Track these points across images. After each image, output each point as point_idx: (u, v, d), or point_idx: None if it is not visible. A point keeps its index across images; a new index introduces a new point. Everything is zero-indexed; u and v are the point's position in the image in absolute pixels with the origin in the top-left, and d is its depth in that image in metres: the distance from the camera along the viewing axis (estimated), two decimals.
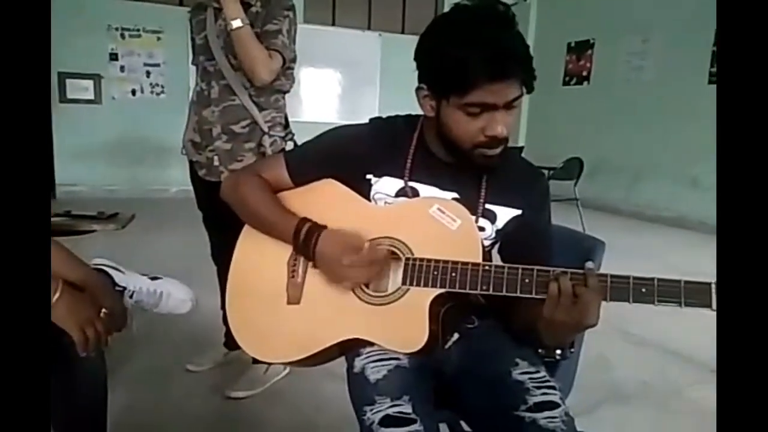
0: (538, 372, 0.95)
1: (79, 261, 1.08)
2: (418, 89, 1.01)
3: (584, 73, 6.87)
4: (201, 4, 1.86)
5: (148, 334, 2.26)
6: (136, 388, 1.91)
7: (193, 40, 1.89)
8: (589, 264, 0.86)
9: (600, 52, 6.63)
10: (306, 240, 1.02)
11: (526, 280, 0.89)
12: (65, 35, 5.67)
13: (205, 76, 1.81)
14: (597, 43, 6.66)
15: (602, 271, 0.87)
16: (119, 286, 1.14)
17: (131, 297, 1.15)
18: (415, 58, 0.99)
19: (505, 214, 1.06)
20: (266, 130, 1.82)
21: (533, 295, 0.88)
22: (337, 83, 7.18)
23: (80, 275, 1.04)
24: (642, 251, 4.35)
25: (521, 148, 6.08)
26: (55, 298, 0.93)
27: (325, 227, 1.03)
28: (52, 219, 2.01)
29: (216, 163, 1.81)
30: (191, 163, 1.94)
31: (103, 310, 0.98)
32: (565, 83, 7.15)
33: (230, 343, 2.08)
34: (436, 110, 0.99)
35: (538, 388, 0.92)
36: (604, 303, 0.85)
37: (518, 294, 0.89)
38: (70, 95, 5.95)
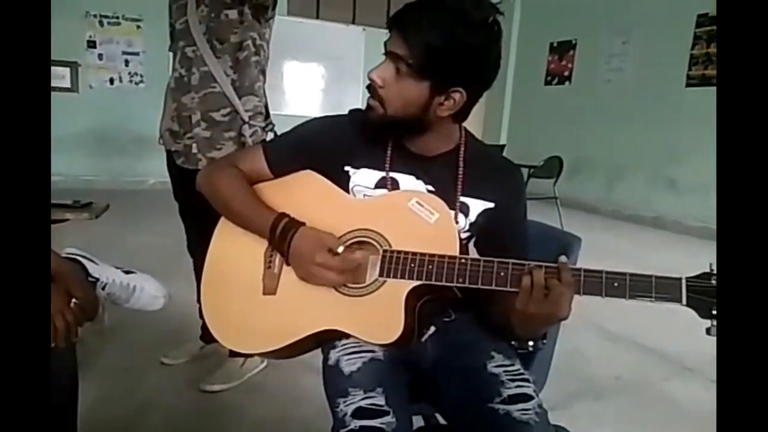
0: (513, 365, 0.96)
1: (50, 250, 1.06)
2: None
3: (566, 73, 6.95)
4: None
5: (121, 327, 2.22)
6: (108, 382, 1.88)
7: (171, 25, 1.85)
8: (563, 258, 0.87)
9: (581, 52, 6.71)
10: (281, 236, 1.01)
11: (502, 273, 0.90)
12: None
13: (185, 62, 1.78)
14: (579, 43, 6.74)
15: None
16: (92, 276, 1.12)
17: (103, 289, 1.13)
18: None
19: (477, 206, 1.07)
20: (246, 119, 1.79)
21: (508, 288, 0.89)
22: (320, 77, 7.15)
23: (52, 263, 1.02)
24: (619, 250, 4.43)
25: (503, 147, 6.12)
26: None
27: (303, 224, 1.02)
28: None
29: (194, 150, 1.78)
30: (168, 152, 1.91)
31: (74, 300, 0.96)
32: (547, 83, 7.22)
33: (206, 336, 2.05)
34: None
35: (513, 380, 0.92)
36: (579, 298, 0.86)
37: (493, 287, 0.90)
38: None
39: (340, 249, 0.99)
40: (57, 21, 5.59)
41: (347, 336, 0.98)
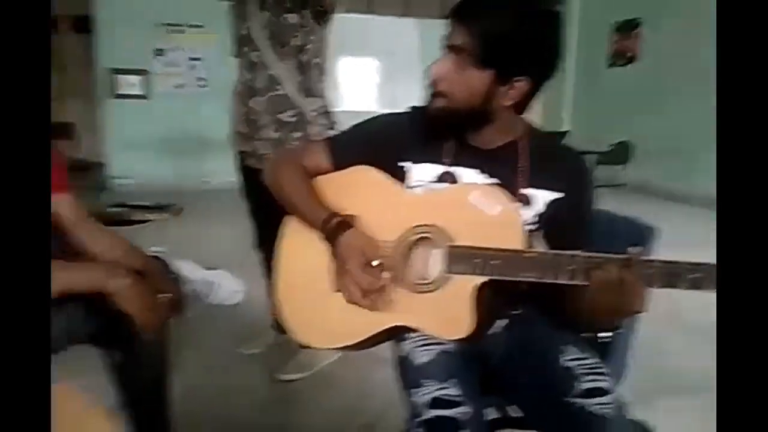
0: (587, 358, 0.94)
1: (138, 249, 1.14)
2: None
3: (630, 54, 6.62)
4: None
5: (201, 320, 2.35)
6: (192, 372, 2.00)
7: (233, 31, 1.92)
8: (635, 249, 0.85)
9: (648, 30, 6.37)
10: (332, 234, 1.04)
11: (571, 267, 0.88)
12: (115, 34, 5.91)
13: (250, 67, 1.85)
14: (644, 22, 6.40)
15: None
16: (176, 273, 1.20)
17: (187, 285, 1.21)
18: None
19: (542, 198, 1.05)
20: (312, 119, 1.86)
21: (578, 282, 0.87)
22: (375, 71, 7.18)
23: (140, 262, 1.11)
24: (696, 239, 4.17)
25: (565, 133, 5.93)
26: (118, 284, 0.99)
27: (351, 226, 1.04)
28: (109, 209, 2.11)
29: (265, 151, 1.86)
30: (239, 153, 1.99)
31: (163, 295, 1.04)
32: (611, 64, 6.91)
33: (279, 326, 2.14)
34: None
35: (588, 374, 0.91)
36: (656, 289, 0.83)
37: (563, 281, 0.89)
38: (120, 91, 6.21)
39: (375, 263, 1.00)
40: (127, 32, 5.97)
41: (417, 330, 1.00)
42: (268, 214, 1.28)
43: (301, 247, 1.15)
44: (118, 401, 1.27)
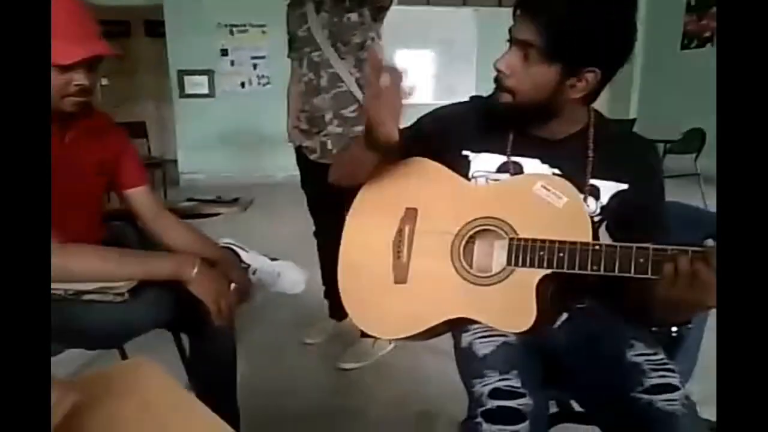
0: (655, 354, 0.91)
1: (211, 240, 1.21)
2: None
3: (707, 34, 6.21)
4: (299, 0, 1.95)
5: (266, 308, 2.46)
6: (256, 359, 2.09)
7: (291, 33, 2.00)
8: (710, 241, 0.81)
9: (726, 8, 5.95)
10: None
11: (641, 260, 0.85)
12: (183, 36, 6.20)
13: (313, 66, 1.92)
14: None
15: None
16: (244, 263, 1.27)
17: (254, 274, 1.27)
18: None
19: (609, 189, 1.02)
20: None
21: (648, 275, 0.85)
22: (432, 62, 7.13)
23: (212, 252, 1.18)
24: None
25: (633, 121, 5.67)
26: (193, 272, 1.05)
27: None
28: (181, 204, 2.24)
29: (330, 146, 1.94)
30: (299, 148, 2.06)
31: (233, 284, 1.10)
32: (684, 46, 6.52)
33: (335, 314, 2.23)
34: None
35: (655, 370, 0.88)
36: None
37: (632, 274, 0.86)
38: (188, 90, 6.50)
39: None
40: (194, 35, 6.23)
41: (478, 321, 1.00)
42: (328, 206, 1.32)
43: (362, 240, 1.17)
44: (189, 384, 1.35)
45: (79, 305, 1.03)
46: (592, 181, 1.02)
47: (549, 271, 0.93)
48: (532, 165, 1.05)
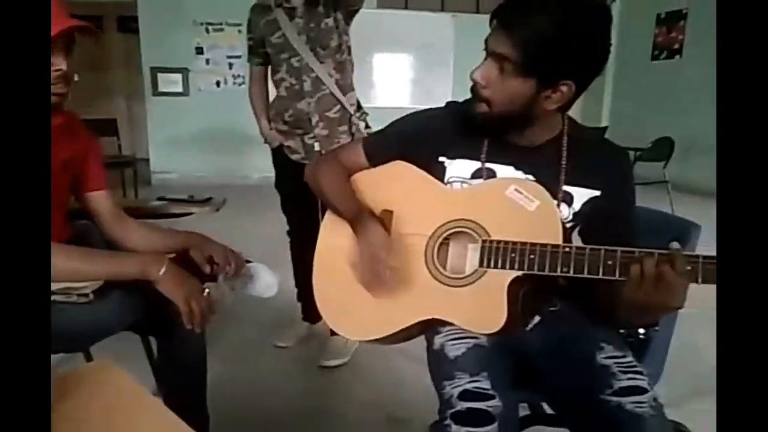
0: (624, 356, 0.93)
1: (176, 232, 1.19)
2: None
3: (675, 46, 6.40)
4: (264, 6, 1.96)
5: (234, 312, 2.42)
6: (228, 361, 2.06)
7: (257, 38, 2.01)
8: (675, 244, 0.83)
9: (694, 22, 6.14)
10: (360, 227, 1.09)
11: (609, 262, 0.87)
12: (157, 33, 6.09)
13: (293, 72, 1.95)
14: (690, 12, 6.17)
15: None
16: (217, 264, 1.24)
17: (225, 275, 1.25)
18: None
19: (582, 195, 1.04)
20: (353, 112, 2.00)
21: (616, 277, 0.86)
22: (410, 67, 7.16)
23: (183, 242, 1.17)
24: None
25: (604, 129, 5.79)
26: (160, 272, 1.03)
27: (378, 222, 1.08)
28: (151, 203, 2.19)
29: (317, 148, 1.98)
30: (278, 148, 2.07)
31: (206, 290, 1.08)
32: (654, 57, 6.70)
33: (308, 317, 2.22)
34: None
35: (625, 372, 0.90)
36: (697, 286, 0.81)
37: (600, 276, 0.88)
38: (161, 89, 6.38)
39: (383, 257, 1.04)
40: (169, 32, 6.13)
41: (450, 323, 1.00)
42: (301, 205, 1.32)
43: (336, 243, 1.17)
44: (157, 388, 1.32)
45: None
46: (566, 188, 1.03)
47: (520, 272, 0.95)
48: (506, 172, 1.06)
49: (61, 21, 1.02)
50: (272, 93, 2.11)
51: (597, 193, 1.04)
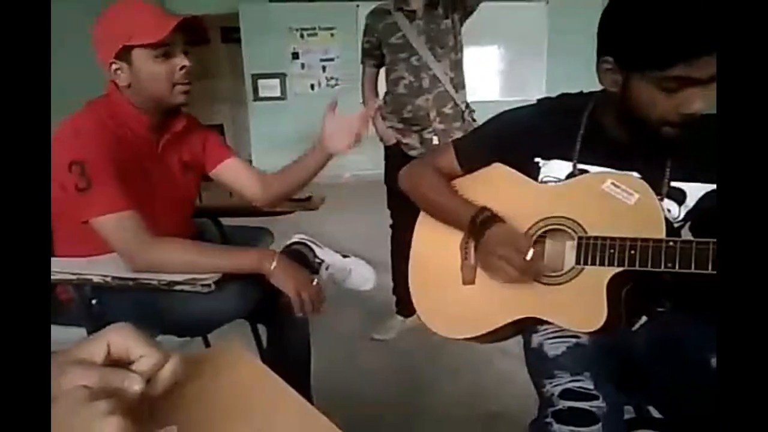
0: None
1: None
2: (600, 62, 0.94)
3: None
4: (383, 10, 2.14)
5: (334, 305, 2.53)
6: (328, 353, 2.17)
7: (374, 41, 2.17)
8: None
9: None
10: (481, 227, 1.05)
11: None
12: (257, 41, 6.47)
13: (412, 70, 2.09)
14: None
15: None
16: (318, 258, 1.33)
17: (327, 269, 1.33)
18: (601, 28, 0.93)
19: (696, 191, 0.98)
20: (463, 108, 2.14)
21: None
22: (500, 59, 6.97)
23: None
24: None
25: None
26: (272, 266, 1.12)
27: (501, 220, 1.05)
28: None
29: (435, 141, 2.13)
30: (394, 145, 2.21)
31: (314, 280, 1.16)
32: None
33: (402, 311, 2.31)
34: (621, 85, 0.92)
35: None
36: None
37: (710, 270, 0.82)
38: (261, 94, 6.77)
39: (529, 255, 0.98)
40: (267, 38, 6.48)
41: (548, 322, 0.99)
42: (408, 201, 1.36)
43: (431, 243, 1.20)
44: None
45: (170, 295, 1.12)
46: (675, 184, 0.98)
47: (620, 269, 0.91)
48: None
49: (173, 19, 1.15)
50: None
51: (713, 187, 0.97)
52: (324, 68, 6.75)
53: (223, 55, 8.05)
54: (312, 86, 6.80)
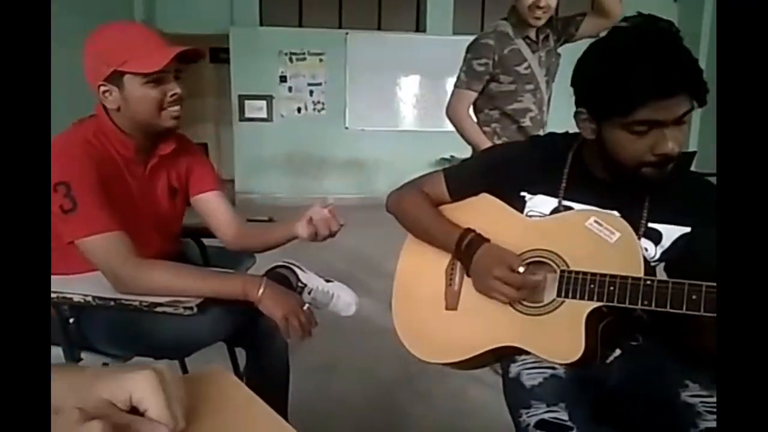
0: (711, 396, 0.90)
1: (280, 225, 1.38)
2: (576, 113, 1.01)
3: None
4: (504, 33, 2.03)
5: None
6: (305, 377, 2.14)
7: (485, 65, 2.02)
8: None
9: None
10: (467, 249, 1.07)
11: (694, 297, 0.85)
12: (246, 63, 6.52)
13: (538, 103, 2.07)
14: None
15: None
16: (301, 282, 1.32)
17: (309, 294, 1.33)
18: (573, 84, 0.99)
19: (671, 233, 1.02)
20: None
21: (701, 313, 0.84)
22: None
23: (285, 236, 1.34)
24: None
25: (693, 154, 5.46)
26: (259, 293, 1.12)
27: (487, 240, 1.07)
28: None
29: None
30: None
31: (306, 304, 1.15)
32: None
33: None
34: (597, 132, 0.98)
35: (711, 413, 0.87)
36: None
37: (684, 311, 0.86)
38: (247, 114, 6.79)
39: (521, 269, 1.01)
40: (256, 62, 6.53)
41: (527, 352, 1.01)
42: None
43: (416, 267, 1.21)
44: None
45: (150, 316, 1.11)
46: (652, 225, 1.01)
47: (599, 304, 0.94)
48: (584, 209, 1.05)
49: (170, 50, 1.15)
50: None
51: (687, 230, 1.01)
52: (311, 92, 6.81)
53: (211, 74, 8.08)
54: (299, 109, 6.85)
